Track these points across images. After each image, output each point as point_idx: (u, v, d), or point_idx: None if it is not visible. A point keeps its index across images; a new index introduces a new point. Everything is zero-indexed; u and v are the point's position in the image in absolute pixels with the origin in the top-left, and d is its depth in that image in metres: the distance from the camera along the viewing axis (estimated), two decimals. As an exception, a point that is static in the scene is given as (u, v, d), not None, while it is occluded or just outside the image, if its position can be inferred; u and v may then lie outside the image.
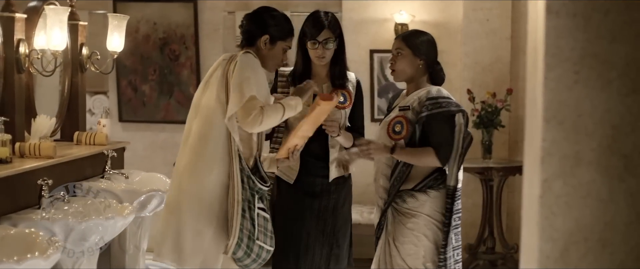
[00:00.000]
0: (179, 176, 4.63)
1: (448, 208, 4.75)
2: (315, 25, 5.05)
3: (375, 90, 8.29)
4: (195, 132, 4.61)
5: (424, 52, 4.84)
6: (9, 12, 5.33)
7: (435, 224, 4.78)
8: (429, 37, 4.91)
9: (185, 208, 4.55)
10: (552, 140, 2.49)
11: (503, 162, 7.67)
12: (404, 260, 4.77)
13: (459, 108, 4.77)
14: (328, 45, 5.04)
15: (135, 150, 8.40)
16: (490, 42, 8.04)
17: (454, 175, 4.76)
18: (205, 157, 4.55)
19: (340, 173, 5.18)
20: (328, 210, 5.16)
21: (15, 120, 5.36)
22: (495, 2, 8.02)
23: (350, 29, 8.30)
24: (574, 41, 2.46)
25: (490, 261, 7.72)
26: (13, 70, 5.36)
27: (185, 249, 4.56)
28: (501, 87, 7.84)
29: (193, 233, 4.55)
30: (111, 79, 8.70)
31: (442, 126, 4.74)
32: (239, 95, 4.48)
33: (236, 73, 4.51)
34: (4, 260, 3.79)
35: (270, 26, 4.72)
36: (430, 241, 4.77)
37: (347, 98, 5.14)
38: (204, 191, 4.55)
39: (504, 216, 7.93)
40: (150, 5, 8.57)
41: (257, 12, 4.81)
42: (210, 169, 4.54)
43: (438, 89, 4.81)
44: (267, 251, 4.70)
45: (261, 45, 4.71)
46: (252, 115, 4.46)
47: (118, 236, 5.47)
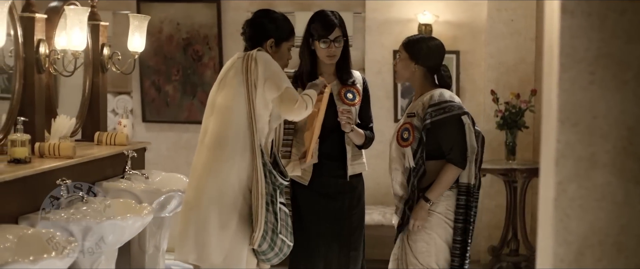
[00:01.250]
0: (197, 175, 4.63)
1: (462, 205, 4.80)
2: (326, 25, 5.07)
3: (398, 91, 8.25)
4: (212, 131, 4.61)
5: (421, 58, 4.89)
6: (29, 12, 5.34)
7: (448, 224, 4.84)
8: (432, 43, 4.96)
9: (207, 205, 4.55)
10: (566, 141, 2.45)
11: (527, 163, 7.62)
12: (416, 258, 4.84)
13: (463, 110, 4.82)
14: (339, 43, 5.04)
15: (158, 150, 8.41)
16: (515, 43, 7.99)
17: (471, 174, 4.78)
18: (224, 155, 4.55)
19: (360, 170, 5.19)
20: (343, 211, 5.16)
21: (35, 120, 5.37)
22: (519, 2, 7.97)
23: (374, 29, 8.28)
24: (589, 41, 2.42)
25: (514, 263, 7.67)
26: (33, 71, 5.37)
27: (208, 245, 4.55)
28: (525, 88, 7.78)
29: (217, 229, 4.53)
30: (134, 79, 8.71)
31: (451, 130, 4.80)
32: (276, 88, 4.56)
33: (262, 69, 4.57)
34: (19, 260, 3.79)
35: (272, 30, 4.76)
36: (442, 240, 4.84)
37: (356, 95, 5.15)
38: (226, 187, 4.55)
39: (528, 218, 7.87)
40: (173, 5, 8.57)
41: (257, 17, 4.84)
42: (231, 166, 4.54)
43: (440, 93, 4.83)
44: (288, 246, 4.72)
45: (267, 48, 4.73)
46: (297, 102, 4.56)
47: (137, 236, 5.47)
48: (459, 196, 4.81)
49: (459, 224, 4.80)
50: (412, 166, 4.80)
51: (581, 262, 2.47)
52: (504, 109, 7.59)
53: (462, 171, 4.78)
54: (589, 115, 2.43)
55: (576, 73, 2.43)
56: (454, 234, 4.82)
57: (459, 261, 4.82)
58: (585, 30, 2.42)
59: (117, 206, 5.05)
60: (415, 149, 4.79)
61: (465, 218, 4.81)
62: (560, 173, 2.46)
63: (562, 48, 2.43)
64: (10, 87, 5.33)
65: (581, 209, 2.45)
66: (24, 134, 4.92)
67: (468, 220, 4.81)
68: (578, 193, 2.45)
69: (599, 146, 2.44)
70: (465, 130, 4.79)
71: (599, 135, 2.43)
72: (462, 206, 4.81)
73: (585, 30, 2.42)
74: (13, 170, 4.65)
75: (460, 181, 4.81)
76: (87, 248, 4.60)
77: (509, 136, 7.61)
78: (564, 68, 2.44)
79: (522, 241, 7.69)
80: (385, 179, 7.69)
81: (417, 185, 4.82)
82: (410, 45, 4.93)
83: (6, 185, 4.46)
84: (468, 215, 4.81)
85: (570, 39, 2.42)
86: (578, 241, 2.46)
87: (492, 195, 7.82)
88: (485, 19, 8.05)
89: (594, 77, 2.43)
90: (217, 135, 4.59)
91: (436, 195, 4.79)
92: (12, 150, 4.86)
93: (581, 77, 2.43)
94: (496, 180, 7.77)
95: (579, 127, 2.44)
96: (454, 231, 4.82)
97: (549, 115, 2.55)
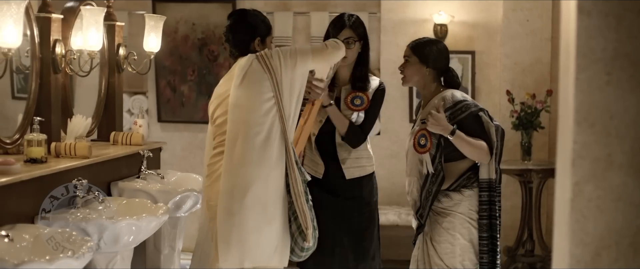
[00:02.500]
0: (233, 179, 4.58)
1: (485, 201, 4.79)
2: (336, 25, 5.10)
3: (413, 91, 8.24)
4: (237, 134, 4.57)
5: (431, 61, 4.89)
6: (45, 12, 5.35)
7: (471, 223, 4.82)
8: (438, 46, 4.98)
9: (250, 207, 4.54)
10: (583, 142, 2.44)
11: (542, 164, 7.60)
12: (441, 259, 4.83)
13: (478, 107, 4.83)
14: (349, 45, 5.03)
15: (173, 151, 8.43)
16: (531, 43, 7.97)
17: (491, 169, 4.78)
18: (262, 158, 4.54)
19: (359, 174, 5.17)
20: (354, 209, 5.17)
21: (51, 120, 5.39)
22: (535, 2, 7.95)
23: (389, 29, 8.28)
24: (606, 41, 2.41)
25: (529, 264, 7.65)
26: (49, 71, 5.38)
27: (255, 246, 4.56)
28: (541, 88, 7.77)
29: (257, 231, 4.54)
30: (150, 79, 8.73)
31: (474, 127, 4.80)
32: (306, 54, 4.68)
33: (285, 55, 4.61)
34: (35, 259, 3.80)
35: (256, 27, 4.75)
36: (465, 240, 4.82)
37: (364, 101, 5.13)
38: (270, 190, 4.56)
39: (543, 218, 7.86)
40: (188, 5, 8.59)
41: (238, 20, 4.80)
42: (271, 168, 4.56)
43: (451, 94, 4.82)
44: (314, 242, 4.74)
45: (256, 48, 4.74)
46: (328, 46, 4.75)
47: (153, 236, 5.48)
48: (481, 192, 4.79)
49: (484, 221, 4.79)
50: (431, 172, 4.79)
51: (598, 263, 2.46)
52: (519, 109, 7.58)
53: (489, 158, 4.77)
54: (605, 115, 2.42)
55: (593, 73, 2.42)
56: (480, 231, 4.79)
57: (488, 257, 4.79)
58: (601, 30, 2.41)
59: (132, 206, 5.06)
60: (434, 155, 4.78)
61: (489, 214, 4.79)
62: (576, 173, 2.45)
63: (579, 49, 2.43)
64: (26, 87, 5.34)
65: (598, 210, 2.44)
66: (40, 134, 4.93)
67: (493, 215, 4.79)
68: (595, 193, 2.44)
69: (615, 147, 2.43)
70: (484, 127, 4.79)
71: (615, 136, 2.43)
72: (485, 202, 4.79)
73: (602, 30, 2.41)
74: (29, 169, 4.66)
75: (480, 177, 4.80)
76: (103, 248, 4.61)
77: (525, 136, 7.60)
78: (581, 68, 2.43)
79: (538, 242, 7.68)
80: (400, 179, 7.70)
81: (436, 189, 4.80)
82: (419, 49, 4.93)
83: (22, 185, 4.47)
84: (492, 210, 4.79)
85: (586, 39, 2.42)
86: (594, 242, 2.45)
87: (508, 196, 7.80)
88: (500, 19, 8.04)
89: (610, 78, 2.42)
90: (235, 137, 4.57)
91: (461, 140, 4.73)
92: (29, 150, 4.88)
93: (598, 78, 2.42)
94: (512, 181, 7.76)
95: (596, 128, 2.43)
96: (479, 228, 4.80)
97: (566, 116, 2.54)
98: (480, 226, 4.80)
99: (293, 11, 8.57)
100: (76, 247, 4.07)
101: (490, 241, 4.80)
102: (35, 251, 4.06)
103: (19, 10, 4.45)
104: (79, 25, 5.68)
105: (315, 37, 8.49)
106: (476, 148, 4.75)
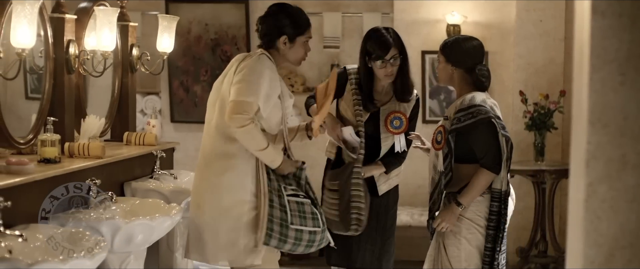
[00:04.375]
0: None
1: (494, 211, 4.72)
2: (382, 45, 5.04)
3: (426, 92, 8.24)
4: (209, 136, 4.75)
5: (455, 60, 4.85)
6: (59, 13, 5.36)
7: (477, 229, 4.77)
8: (468, 44, 4.91)
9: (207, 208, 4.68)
10: (597, 143, 2.44)
11: (556, 165, 7.58)
12: (449, 262, 4.80)
13: (489, 116, 4.72)
14: (395, 62, 5.04)
15: (187, 151, 8.44)
16: (544, 43, 7.95)
17: (503, 179, 4.73)
18: (224, 166, 4.65)
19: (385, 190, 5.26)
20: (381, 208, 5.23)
21: (65, 120, 5.40)
22: (548, 2, 7.93)
23: (402, 29, 8.25)
24: (620, 42, 2.40)
25: (542, 265, 7.63)
26: (63, 71, 5.39)
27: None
28: (554, 89, 7.75)
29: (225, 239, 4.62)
30: (163, 80, 8.75)
31: (484, 134, 4.74)
32: (235, 93, 4.50)
33: (240, 74, 4.54)
34: (49, 259, 3.81)
35: (285, 26, 4.70)
36: (471, 245, 4.77)
37: (402, 123, 5.14)
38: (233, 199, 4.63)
39: (557, 219, 7.84)
40: (201, 6, 8.60)
41: (270, 13, 4.78)
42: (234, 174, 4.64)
43: (472, 97, 4.77)
44: (310, 232, 4.68)
45: (281, 45, 4.71)
46: (240, 115, 4.45)
47: (166, 236, 5.48)
48: (493, 202, 4.74)
49: (491, 232, 4.74)
50: (441, 170, 4.78)
51: (611, 264, 2.45)
52: (532, 110, 7.56)
53: (496, 176, 4.73)
54: (619, 116, 2.42)
55: (607, 74, 2.42)
56: (486, 241, 4.77)
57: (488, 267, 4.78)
58: (616, 31, 2.41)
59: (145, 206, 5.06)
60: (446, 153, 4.75)
61: (497, 225, 4.74)
62: (590, 174, 2.44)
63: (593, 49, 2.42)
64: (40, 87, 5.35)
65: (612, 210, 2.44)
66: (53, 134, 4.94)
67: (499, 227, 4.74)
68: (609, 194, 2.44)
69: (629, 148, 2.42)
70: (498, 135, 4.73)
71: (629, 136, 2.42)
72: (495, 212, 4.73)
73: (616, 31, 2.40)
74: (43, 169, 4.67)
75: (493, 187, 4.75)
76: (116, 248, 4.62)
77: (538, 137, 7.58)
78: (595, 69, 2.42)
79: (551, 243, 7.66)
80: (413, 180, 7.71)
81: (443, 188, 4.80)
82: (445, 48, 4.89)
83: (36, 185, 4.48)
84: (500, 222, 4.74)
85: (600, 39, 2.41)
86: (608, 243, 2.45)
87: (521, 196, 7.78)
88: (514, 20, 8.02)
89: (624, 78, 2.41)
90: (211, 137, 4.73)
91: (469, 199, 4.73)
92: (42, 150, 4.89)
93: (612, 78, 2.42)
94: (524, 181, 7.74)
95: (610, 128, 2.43)
96: (486, 238, 4.76)
97: (580, 116, 2.54)
98: (487, 236, 4.75)
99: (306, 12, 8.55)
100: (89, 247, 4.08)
101: (490, 253, 4.76)
102: (48, 251, 4.07)
103: (33, 11, 4.47)
104: (92, 26, 5.69)
105: (328, 38, 8.49)
106: (480, 183, 4.73)
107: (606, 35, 2.41)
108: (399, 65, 5.09)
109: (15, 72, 4.61)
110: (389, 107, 5.17)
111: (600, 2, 2.41)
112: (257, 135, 4.51)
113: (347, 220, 5.03)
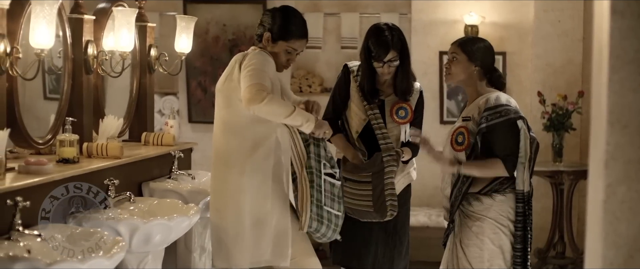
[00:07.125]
0: None
1: (520, 212, 4.71)
2: (381, 47, 5.08)
3: (444, 92, 8.23)
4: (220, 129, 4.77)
5: (479, 58, 4.82)
6: (77, 13, 5.37)
7: (500, 229, 4.74)
8: (485, 43, 4.90)
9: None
10: (616, 144, 2.43)
11: (574, 166, 7.56)
12: (469, 263, 4.77)
13: (519, 115, 4.72)
14: (393, 63, 5.09)
15: (204, 151, 8.44)
16: (562, 44, 7.93)
17: (526, 180, 4.71)
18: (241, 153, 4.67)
19: (405, 183, 5.30)
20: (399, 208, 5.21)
21: (83, 120, 5.41)
22: (567, 2, 7.91)
23: (419, 30, 8.26)
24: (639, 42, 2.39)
25: (560, 266, 7.62)
26: (81, 71, 5.41)
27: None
28: (573, 89, 7.72)
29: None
30: (181, 80, 8.76)
31: (506, 135, 4.71)
32: (247, 80, 4.48)
33: (245, 64, 4.55)
34: (67, 259, 3.82)
35: (274, 25, 4.72)
36: (494, 245, 4.74)
37: (408, 113, 5.19)
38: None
39: (575, 220, 7.82)
40: (219, 6, 8.61)
41: (272, 9, 4.82)
42: None
43: (497, 96, 4.75)
44: (336, 216, 4.73)
45: (264, 42, 4.74)
46: (257, 93, 4.41)
47: (184, 236, 5.49)
48: (518, 203, 4.71)
49: (519, 232, 4.71)
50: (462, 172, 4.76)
51: (630, 265, 2.44)
52: (550, 111, 7.54)
53: (507, 175, 4.71)
54: (638, 116, 2.41)
55: (626, 74, 2.41)
56: (515, 242, 4.73)
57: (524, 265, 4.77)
58: (635, 31, 2.40)
59: (163, 206, 5.07)
60: (470, 154, 4.73)
61: (524, 225, 4.72)
62: (609, 175, 2.43)
63: (612, 50, 2.41)
64: (58, 88, 5.37)
65: (631, 212, 2.43)
66: (72, 134, 4.95)
67: (526, 227, 4.73)
68: (628, 195, 2.43)
69: (649, 149, 2.42)
70: (520, 136, 4.69)
71: (649, 137, 2.41)
72: (521, 213, 4.71)
73: (636, 31, 2.39)
74: (61, 169, 4.68)
75: (517, 188, 4.72)
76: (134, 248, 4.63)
77: (556, 138, 7.56)
78: (614, 69, 2.41)
79: (569, 244, 7.64)
80: (431, 181, 7.70)
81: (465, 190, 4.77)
82: (467, 46, 4.84)
83: (55, 185, 4.49)
84: (526, 223, 4.73)
85: (620, 40, 2.40)
86: (628, 244, 2.44)
87: (538, 198, 7.76)
88: (532, 20, 8.01)
89: (644, 79, 2.41)
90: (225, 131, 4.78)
91: (467, 171, 4.72)
92: (61, 150, 4.90)
93: (631, 79, 2.41)
94: (543, 182, 7.72)
95: (629, 129, 2.41)
96: (515, 239, 4.73)
97: (598, 117, 2.53)
98: (515, 237, 4.73)
99: (323, 12, 8.58)
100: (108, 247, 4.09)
101: (523, 253, 4.75)
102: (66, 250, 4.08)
103: (52, 12, 4.49)
104: (110, 26, 5.70)
105: (346, 38, 8.49)
106: (489, 169, 4.71)
107: (625, 35, 2.40)
108: (399, 65, 5.12)
109: (34, 73, 4.63)
110: (393, 98, 5.25)
111: (620, 2, 2.40)
112: (280, 102, 4.53)
113: (383, 208, 5.10)
